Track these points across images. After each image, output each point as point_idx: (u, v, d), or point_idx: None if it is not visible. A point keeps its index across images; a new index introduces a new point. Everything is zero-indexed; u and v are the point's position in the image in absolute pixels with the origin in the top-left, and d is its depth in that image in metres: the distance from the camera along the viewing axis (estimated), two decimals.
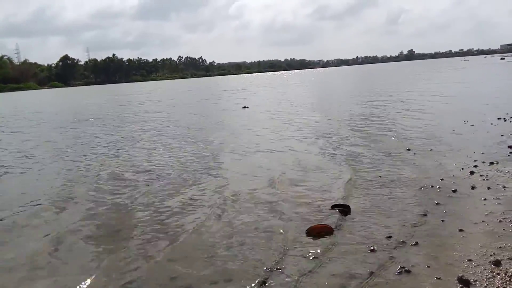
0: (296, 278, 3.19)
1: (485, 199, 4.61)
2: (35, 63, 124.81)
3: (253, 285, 3.13)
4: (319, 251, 3.62)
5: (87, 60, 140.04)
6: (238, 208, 4.93)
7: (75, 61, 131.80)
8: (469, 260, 3.27)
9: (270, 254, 3.62)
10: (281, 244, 3.81)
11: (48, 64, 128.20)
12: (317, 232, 3.98)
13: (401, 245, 3.62)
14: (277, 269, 3.35)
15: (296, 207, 4.80)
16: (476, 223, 4.00)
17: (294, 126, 11.63)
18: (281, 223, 4.34)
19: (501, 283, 2.92)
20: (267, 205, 4.93)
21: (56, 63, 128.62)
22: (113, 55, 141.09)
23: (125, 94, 43.89)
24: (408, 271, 3.16)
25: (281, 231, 4.13)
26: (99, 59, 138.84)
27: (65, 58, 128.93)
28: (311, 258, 3.50)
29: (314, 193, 5.29)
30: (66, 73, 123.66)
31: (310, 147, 8.40)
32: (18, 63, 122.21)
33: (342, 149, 7.95)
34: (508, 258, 3.25)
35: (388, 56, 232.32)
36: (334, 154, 7.56)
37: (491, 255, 3.32)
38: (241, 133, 11.13)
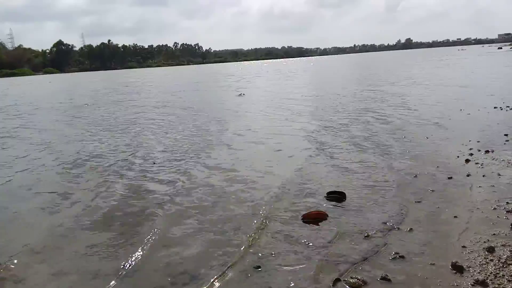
0: (291, 263, 3.20)
1: (479, 187, 4.63)
2: (29, 49, 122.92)
3: (248, 270, 3.13)
4: (314, 237, 3.63)
5: (82, 46, 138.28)
6: (233, 194, 4.92)
7: (70, 46, 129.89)
8: (463, 246, 3.29)
9: (265, 240, 3.62)
10: (276, 230, 3.81)
11: (42, 50, 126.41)
12: (312, 218, 3.99)
13: (395, 231, 3.63)
14: (271, 254, 3.35)
15: (291, 194, 4.80)
16: (470, 210, 4.02)
17: (290, 113, 11.57)
18: (276, 209, 4.34)
19: (494, 269, 2.94)
20: (262, 192, 4.92)
21: (50, 49, 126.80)
22: (109, 41, 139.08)
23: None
24: (402, 257, 3.17)
25: (277, 217, 4.13)
26: (95, 45, 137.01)
27: (59, 43, 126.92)
28: (305, 243, 3.51)
29: (310, 180, 5.29)
30: (61, 59, 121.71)
31: (306, 134, 8.37)
32: (12, 49, 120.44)
33: (338, 136, 7.94)
34: (502, 245, 3.27)
35: (386, 44, 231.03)
36: (329, 141, 7.54)
37: (485, 242, 3.34)
38: (236, 119, 11.08)
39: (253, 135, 8.69)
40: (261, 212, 4.28)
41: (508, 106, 9.96)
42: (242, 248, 3.50)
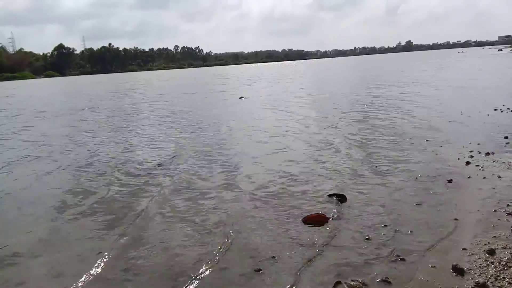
0: (291, 266, 3.20)
1: (480, 189, 4.63)
2: (30, 52, 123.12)
3: (248, 273, 3.13)
4: (314, 239, 3.63)
5: (83, 49, 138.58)
6: (234, 197, 4.93)
7: (71, 50, 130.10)
8: (464, 249, 3.29)
9: (266, 243, 3.62)
10: (277, 233, 3.81)
11: (43, 53, 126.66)
12: (313, 220, 3.99)
13: (396, 234, 3.63)
14: (272, 257, 3.35)
15: (292, 196, 4.80)
16: (471, 212, 4.02)
17: (290, 116, 11.58)
18: (277, 211, 4.34)
19: (495, 271, 2.94)
20: (263, 194, 4.93)
21: (51, 52, 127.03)
22: (109, 44, 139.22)
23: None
24: (403, 259, 3.17)
25: (277, 219, 4.13)
26: (96, 49, 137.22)
27: (60, 47, 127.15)
28: (306, 246, 3.51)
29: (311, 182, 5.29)
30: (62, 62, 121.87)
31: (306, 136, 8.38)
32: (13, 52, 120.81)
33: (338, 138, 7.94)
34: (502, 247, 3.27)
35: (386, 47, 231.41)
36: (331, 143, 7.54)
37: (485, 244, 3.34)
38: (237, 124, 11.09)
39: (252, 136, 8.70)
40: (260, 214, 4.28)
41: (509, 108, 9.96)
42: (241, 251, 3.50)
